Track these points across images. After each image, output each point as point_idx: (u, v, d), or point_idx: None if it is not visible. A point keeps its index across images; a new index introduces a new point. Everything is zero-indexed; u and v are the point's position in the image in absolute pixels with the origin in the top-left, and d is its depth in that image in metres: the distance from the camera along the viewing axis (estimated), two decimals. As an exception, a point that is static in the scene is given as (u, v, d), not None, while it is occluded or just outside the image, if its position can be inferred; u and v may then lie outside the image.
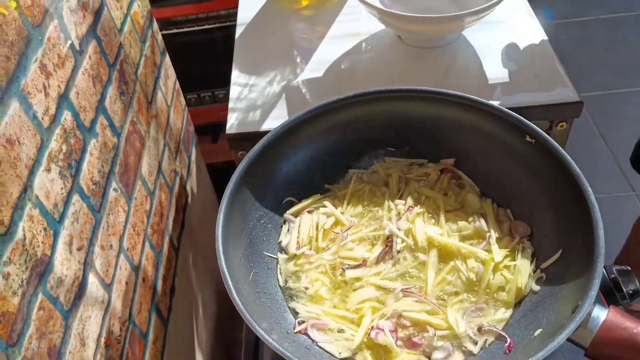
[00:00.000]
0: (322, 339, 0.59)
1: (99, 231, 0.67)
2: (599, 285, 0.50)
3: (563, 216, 0.60)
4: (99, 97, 0.72)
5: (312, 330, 0.60)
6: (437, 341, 0.58)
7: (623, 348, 0.47)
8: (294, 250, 0.68)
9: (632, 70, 2.26)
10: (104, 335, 0.65)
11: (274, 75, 0.92)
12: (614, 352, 0.48)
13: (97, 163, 0.69)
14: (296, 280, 0.65)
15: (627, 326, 0.47)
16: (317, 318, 0.61)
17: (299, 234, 0.69)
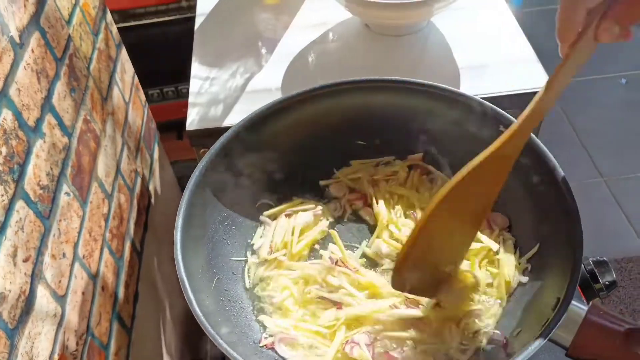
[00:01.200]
0: (290, 355, 0.55)
1: (48, 239, 0.62)
2: (578, 280, 0.47)
3: (539, 209, 0.58)
4: (45, 94, 0.67)
5: (279, 345, 0.56)
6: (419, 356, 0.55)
7: (605, 347, 0.45)
8: (266, 254, 0.64)
9: (598, 57, 2.28)
10: (57, 352, 0.60)
11: (236, 67, 0.88)
12: (596, 351, 0.46)
13: (44, 165, 0.64)
14: (264, 288, 0.61)
15: (608, 323, 0.45)
16: (285, 332, 0.57)
17: (274, 237, 0.65)
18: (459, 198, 0.50)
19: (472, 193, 0.51)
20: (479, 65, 0.82)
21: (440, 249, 0.54)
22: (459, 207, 0.51)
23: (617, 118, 2.06)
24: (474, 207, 0.53)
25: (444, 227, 0.52)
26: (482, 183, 0.50)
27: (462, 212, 0.52)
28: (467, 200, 0.51)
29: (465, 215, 0.53)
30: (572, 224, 0.52)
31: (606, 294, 0.62)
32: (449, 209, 0.50)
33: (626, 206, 1.78)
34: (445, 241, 0.54)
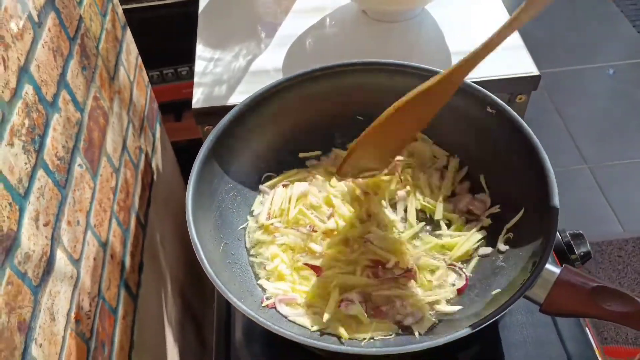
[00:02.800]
0: (291, 313, 0.60)
1: (65, 207, 0.67)
2: (553, 243, 0.53)
3: (522, 183, 0.63)
4: (60, 71, 0.71)
5: (280, 305, 0.61)
6: (408, 307, 0.60)
7: (575, 303, 0.50)
8: (264, 220, 0.68)
9: (586, 48, 2.33)
10: (73, 310, 0.65)
11: (239, 49, 0.92)
12: (567, 307, 0.51)
13: (61, 138, 0.68)
14: (258, 253, 0.66)
15: (579, 282, 0.51)
16: (284, 294, 0.62)
17: (272, 205, 0.70)
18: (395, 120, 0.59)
19: (416, 111, 0.59)
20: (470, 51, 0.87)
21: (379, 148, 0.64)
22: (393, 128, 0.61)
23: (604, 107, 2.12)
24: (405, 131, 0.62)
25: (388, 131, 0.61)
26: (427, 105, 0.59)
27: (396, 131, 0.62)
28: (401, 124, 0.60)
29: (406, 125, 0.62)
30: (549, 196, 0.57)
31: (580, 264, 0.67)
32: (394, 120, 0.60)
33: (608, 192, 1.85)
34: (384, 144, 0.64)
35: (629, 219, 1.77)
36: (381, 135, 0.61)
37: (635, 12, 2.47)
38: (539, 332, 0.63)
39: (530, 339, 0.63)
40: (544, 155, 0.59)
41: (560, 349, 0.62)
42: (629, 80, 2.20)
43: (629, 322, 0.48)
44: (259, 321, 0.51)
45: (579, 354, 0.61)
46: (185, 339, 1.12)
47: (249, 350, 0.65)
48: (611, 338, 1.50)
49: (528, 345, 0.62)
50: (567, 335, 0.63)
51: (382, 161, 0.69)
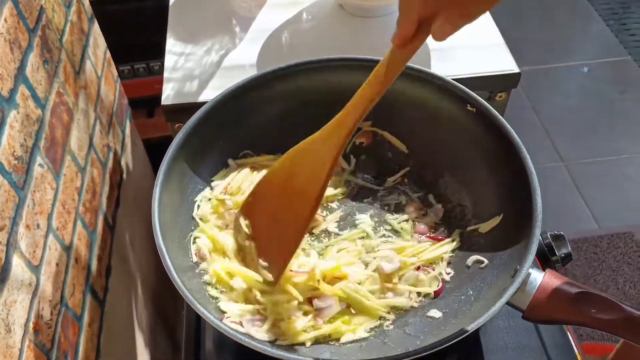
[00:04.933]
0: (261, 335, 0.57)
1: (23, 210, 0.63)
2: (536, 249, 0.51)
3: (501, 184, 0.61)
4: (19, 64, 0.66)
5: (248, 325, 0.57)
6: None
7: (559, 309, 0.49)
8: (218, 193, 0.66)
9: (560, 46, 2.35)
10: (32, 320, 0.61)
11: (211, 44, 0.88)
12: (550, 313, 0.49)
13: (18, 136, 0.64)
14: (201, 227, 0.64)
15: (562, 287, 0.49)
16: (252, 316, 0.58)
17: (232, 181, 0.68)
18: (290, 168, 0.57)
19: (303, 169, 0.56)
20: (449, 48, 0.85)
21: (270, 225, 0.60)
22: (290, 179, 0.57)
23: (578, 105, 2.13)
24: (303, 185, 0.56)
25: (275, 197, 0.59)
26: (313, 162, 0.55)
27: (292, 186, 0.57)
28: (297, 174, 0.57)
29: (294, 193, 0.57)
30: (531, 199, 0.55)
31: (561, 266, 0.66)
32: (281, 177, 0.57)
33: (584, 190, 1.86)
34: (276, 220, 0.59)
35: (603, 216, 1.79)
36: (275, 189, 0.59)
37: (609, 11, 2.50)
38: (520, 338, 0.61)
39: (511, 344, 0.61)
40: (525, 155, 0.58)
41: (542, 355, 0.60)
42: (603, 78, 2.22)
43: (615, 329, 0.46)
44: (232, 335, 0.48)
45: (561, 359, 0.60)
46: (156, 343, 1.08)
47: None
48: (587, 335, 1.51)
49: (509, 351, 0.61)
50: (549, 341, 0.61)
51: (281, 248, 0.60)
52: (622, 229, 1.74)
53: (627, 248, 1.70)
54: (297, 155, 0.57)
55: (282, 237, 0.58)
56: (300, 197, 0.56)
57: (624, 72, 2.24)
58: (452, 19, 0.42)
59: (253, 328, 0.56)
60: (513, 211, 0.58)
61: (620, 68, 2.26)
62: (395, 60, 0.49)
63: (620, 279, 1.64)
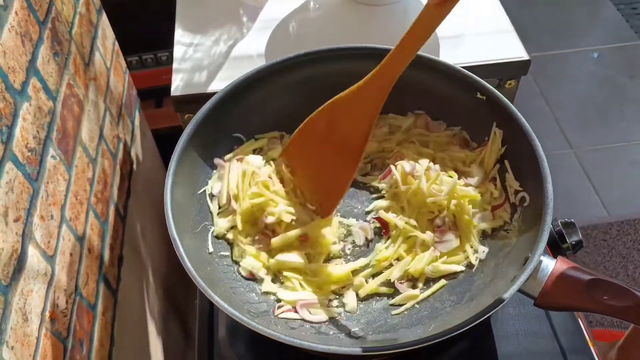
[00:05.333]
0: (315, 317, 0.58)
1: (37, 201, 0.64)
2: (547, 237, 0.51)
3: (513, 170, 0.61)
4: (30, 57, 0.67)
5: (302, 310, 0.58)
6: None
7: (571, 296, 0.49)
8: (225, 200, 0.65)
9: (570, 31, 2.32)
10: (48, 309, 0.62)
11: (219, 34, 0.88)
12: (562, 300, 0.49)
13: (31, 129, 0.65)
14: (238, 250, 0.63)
15: (574, 274, 0.49)
16: (303, 299, 0.59)
17: (229, 184, 0.65)
18: (331, 119, 0.58)
19: (344, 120, 0.58)
20: (457, 35, 0.84)
21: (316, 167, 0.62)
22: (331, 130, 0.59)
23: (588, 91, 2.11)
24: (345, 138, 0.58)
25: (318, 146, 0.60)
26: (353, 113, 0.57)
27: (334, 137, 0.59)
28: (338, 127, 0.58)
29: (337, 145, 0.59)
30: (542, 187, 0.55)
31: (572, 253, 0.66)
32: (322, 126, 0.59)
33: (594, 176, 1.85)
34: (320, 163, 0.62)
35: (613, 203, 1.78)
36: (316, 137, 0.60)
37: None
38: (531, 325, 0.62)
39: (522, 331, 0.61)
40: (536, 143, 0.57)
41: (553, 341, 0.61)
42: (613, 63, 2.19)
43: (627, 316, 0.47)
44: (244, 322, 0.49)
45: (572, 346, 0.60)
46: (168, 331, 1.09)
47: (233, 349, 0.63)
48: (596, 321, 1.51)
49: (520, 338, 0.61)
50: (559, 328, 0.61)
51: (324, 190, 0.63)
52: (632, 216, 1.73)
53: (637, 235, 1.69)
54: (339, 106, 0.58)
55: (327, 184, 0.61)
56: (344, 147, 0.58)
57: (634, 57, 2.21)
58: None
59: (306, 312, 0.58)
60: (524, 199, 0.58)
61: (631, 53, 2.23)
62: (432, 18, 0.50)
63: (631, 265, 1.64)
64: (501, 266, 0.56)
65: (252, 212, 0.63)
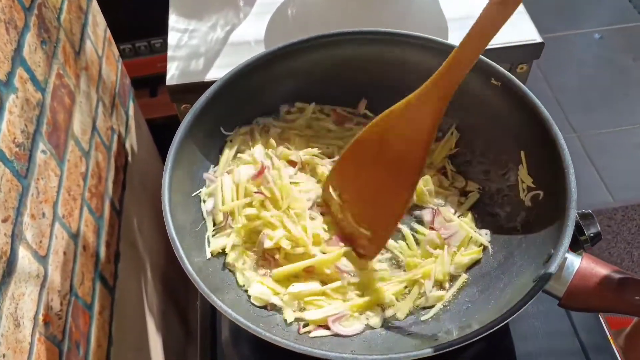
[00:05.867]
0: (349, 330, 0.55)
1: (27, 199, 0.60)
2: (572, 231, 0.48)
3: (530, 162, 0.58)
4: (15, 46, 0.63)
5: (335, 325, 0.55)
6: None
7: (599, 296, 0.46)
8: (221, 217, 0.60)
9: (572, 13, 2.28)
10: (41, 312, 0.59)
11: (216, 19, 0.84)
12: (589, 300, 0.46)
13: (19, 122, 0.61)
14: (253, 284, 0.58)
15: (602, 273, 0.46)
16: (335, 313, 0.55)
17: (223, 199, 0.61)
18: (387, 132, 0.53)
19: (399, 135, 0.52)
20: (466, 17, 0.81)
21: (366, 191, 0.57)
22: (386, 145, 0.53)
23: (591, 74, 2.08)
24: (402, 152, 0.53)
25: (370, 165, 0.55)
26: (409, 127, 0.51)
27: (389, 153, 0.54)
28: (394, 139, 0.53)
29: (393, 161, 0.54)
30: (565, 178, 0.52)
31: (590, 246, 0.63)
32: (375, 142, 0.54)
33: (598, 161, 1.82)
34: (371, 185, 0.56)
35: (618, 188, 1.75)
36: (368, 156, 0.55)
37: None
38: (551, 323, 0.59)
39: (541, 330, 0.58)
40: (557, 131, 0.54)
41: (574, 339, 0.58)
42: (615, 45, 2.16)
43: (661, 318, 0.44)
44: (269, 339, 0.46)
45: (593, 344, 0.57)
46: (168, 327, 1.07)
47: (237, 350, 0.60)
48: (602, 309, 1.49)
49: (540, 337, 0.58)
50: (580, 326, 0.59)
51: (377, 213, 0.58)
52: (636, 201, 1.71)
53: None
54: (392, 120, 0.53)
55: (383, 205, 0.56)
56: (401, 163, 0.53)
57: (638, 39, 2.17)
58: None
59: (340, 326, 0.55)
60: (543, 191, 0.55)
61: (634, 34, 2.19)
62: (495, 18, 0.45)
63: (636, 251, 1.61)
64: (520, 264, 0.53)
65: (250, 234, 0.60)
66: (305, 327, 0.55)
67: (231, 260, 0.58)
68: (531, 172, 0.58)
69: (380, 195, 0.56)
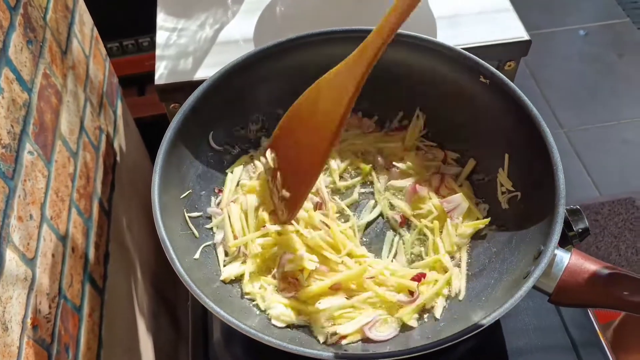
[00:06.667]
0: (386, 334, 0.54)
1: (14, 201, 0.59)
2: (561, 228, 0.48)
3: (519, 159, 0.58)
4: (0, 45, 0.62)
5: (372, 332, 0.54)
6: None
7: (588, 292, 0.46)
8: (234, 248, 0.59)
9: (557, 10, 2.29)
10: (29, 316, 0.58)
11: (205, 17, 0.84)
12: (579, 296, 0.47)
13: (5, 123, 0.60)
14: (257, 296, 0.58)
15: (591, 269, 0.46)
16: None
17: (233, 229, 0.60)
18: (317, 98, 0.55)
19: (325, 98, 0.54)
20: (454, 15, 0.81)
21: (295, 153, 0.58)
22: (315, 108, 0.55)
23: (577, 70, 2.09)
24: (324, 117, 0.54)
25: (301, 128, 0.57)
26: (336, 90, 0.53)
27: (314, 118, 0.55)
28: (319, 105, 0.55)
29: (315, 126, 0.55)
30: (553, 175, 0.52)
31: (579, 241, 0.63)
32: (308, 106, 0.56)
33: (584, 156, 1.84)
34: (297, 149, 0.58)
35: (604, 183, 1.77)
36: (301, 121, 0.58)
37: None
38: (541, 319, 0.59)
39: (532, 326, 0.59)
40: (545, 129, 0.55)
41: (564, 335, 0.58)
42: (601, 42, 2.18)
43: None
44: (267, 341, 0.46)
45: (583, 340, 0.58)
46: (159, 327, 1.06)
47: (229, 351, 0.59)
48: (590, 303, 1.51)
49: (530, 333, 0.59)
50: (570, 321, 0.59)
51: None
52: (623, 195, 1.72)
53: (628, 214, 1.69)
54: (322, 86, 0.55)
55: (302, 169, 0.57)
56: (322, 129, 0.54)
57: (622, 35, 2.20)
58: None
59: (376, 333, 0.54)
60: (532, 188, 0.56)
61: (619, 30, 2.21)
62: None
63: (622, 245, 1.63)
64: (510, 260, 0.53)
65: (265, 260, 0.59)
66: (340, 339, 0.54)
67: (249, 289, 0.57)
68: (517, 172, 0.58)
69: (302, 157, 0.57)
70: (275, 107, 0.69)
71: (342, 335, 0.54)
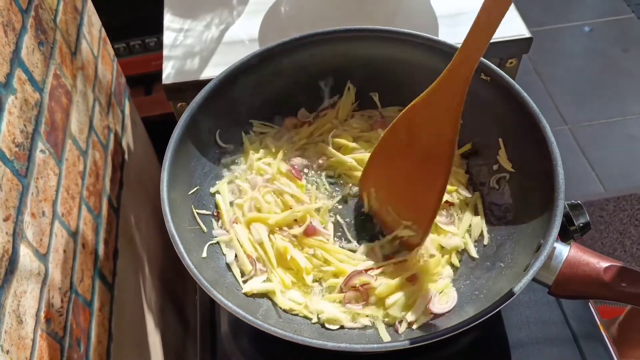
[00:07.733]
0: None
1: (27, 198, 0.61)
2: (560, 222, 0.49)
3: (521, 155, 0.59)
4: (14, 47, 0.64)
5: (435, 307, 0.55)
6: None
7: (586, 283, 0.48)
8: (250, 267, 0.59)
9: (562, 6, 2.29)
10: (43, 309, 0.60)
11: (210, 18, 0.85)
12: (577, 287, 0.48)
13: (18, 123, 0.62)
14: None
15: (589, 261, 0.48)
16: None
17: (244, 249, 0.60)
18: (411, 127, 0.54)
19: (424, 128, 0.53)
20: (456, 13, 0.82)
21: (399, 188, 0.58)
22: (413, 139, 0.55)
23: (581, 66, 2.09)
24: (430, 145, 0.54)
25: (401, 160, 0.57)
26: (433, 119, 0.52)
27: (417, 146, 0.55)
28: (419, 134, 0.54)
29: (422, 153, 0.55)
30: (553, 170, 0.53)
31: (580, 236, 0.64)
32: (402, 138, 0.55)
33: (589, 152, 1.84)
34: (403, 180, 0.58)
35: (609, 179, 1.77)
36: (399, 151, 0.56)
37: (611, -32, 2.43)
38: (542, 312, 0.60)
39: (533, 318, 0.60)
40: (545, 125, 0.55)
41: (565, 328, 0.59)
42: (605, 38, 2.17)
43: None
44: (274, 332, 0.47)
45: (584, 332, 0.59)
46: (167, 322, 1.08)
47: (237, 344, 0.61)
48: (596, 298, 1.51)
49: (532, 325, 0.60)
50: (571, 314, 0.60)
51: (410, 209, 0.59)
52: (628, 191, 1.73)
53: (633, 210, 1.69)
54: (416, 112, 0.54)
55: (420, 198, 0.57)
56: (431, 155, 0.54)
57: (627, 31, 2.19)
58: None
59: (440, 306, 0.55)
60: (533, 183, 0.57)
61: (624, 26, 2.21)
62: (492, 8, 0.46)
63: (628, 241, 1.64)
64: (511, 253, 0.55)
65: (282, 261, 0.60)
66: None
67: (288, 305, 0.57)
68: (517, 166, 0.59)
69: (416, 189, 0.57)
70: (280, 106, 0.70)
71: (411, 321, 0.54)
